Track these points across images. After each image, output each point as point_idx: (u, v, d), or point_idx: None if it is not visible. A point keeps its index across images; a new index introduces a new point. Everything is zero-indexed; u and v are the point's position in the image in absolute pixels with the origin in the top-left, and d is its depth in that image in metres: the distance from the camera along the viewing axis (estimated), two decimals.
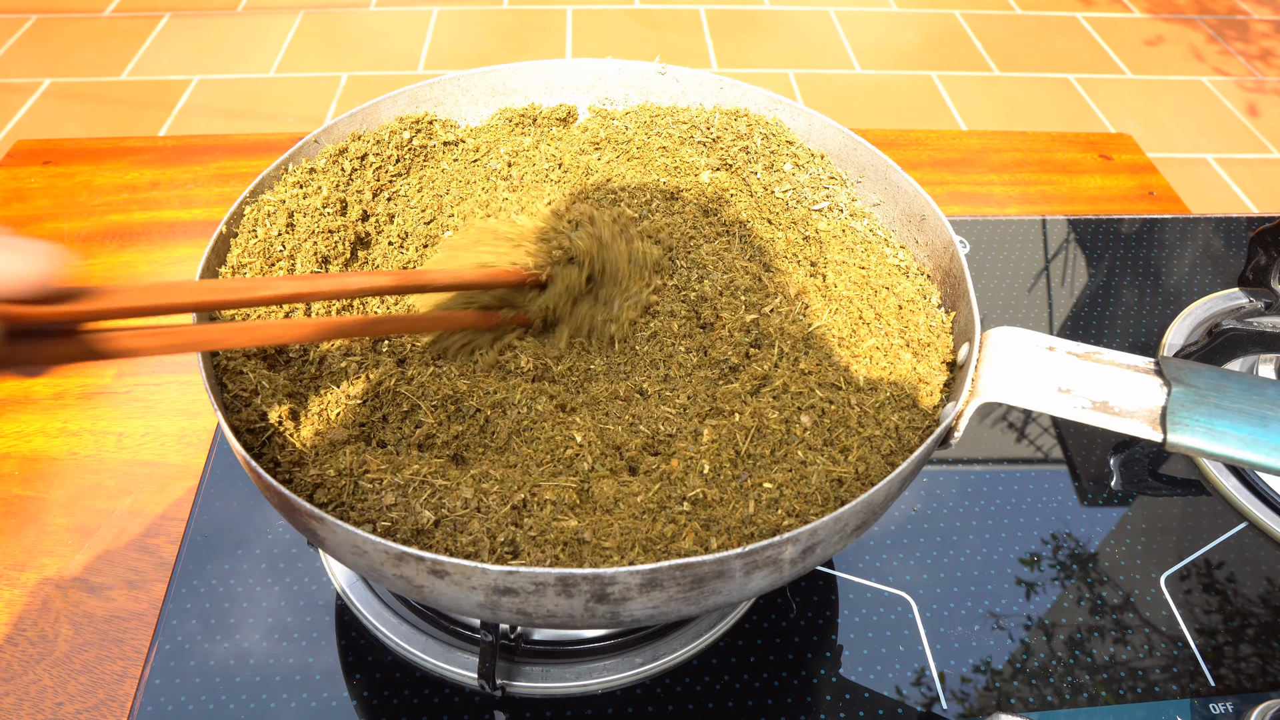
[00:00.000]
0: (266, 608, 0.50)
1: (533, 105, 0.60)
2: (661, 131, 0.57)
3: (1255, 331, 0.66)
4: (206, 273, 0.44)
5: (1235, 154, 1.89)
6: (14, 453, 0.58)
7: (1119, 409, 0.37)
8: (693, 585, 0.33)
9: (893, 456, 0.40)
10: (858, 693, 0.48)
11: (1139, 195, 0.86)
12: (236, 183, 0.81)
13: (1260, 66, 2.18)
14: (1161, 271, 0.76)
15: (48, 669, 0.48)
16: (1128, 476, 0.60)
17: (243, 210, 0.47)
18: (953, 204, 0.83)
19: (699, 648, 0.49)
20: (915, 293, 0.48)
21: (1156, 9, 2.40)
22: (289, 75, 1.99)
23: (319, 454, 0.39)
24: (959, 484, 0.59)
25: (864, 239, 0.52)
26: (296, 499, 0.33)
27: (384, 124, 0.55)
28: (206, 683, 0.46)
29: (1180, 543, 0.56)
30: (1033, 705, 0.47)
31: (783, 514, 0.37)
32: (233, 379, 0.41)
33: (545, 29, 2.19)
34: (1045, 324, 0.71)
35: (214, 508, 0.54)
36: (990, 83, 2.07)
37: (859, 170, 0.55)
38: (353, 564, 0.35)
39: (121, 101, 1.88)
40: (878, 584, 0.53)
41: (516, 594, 0.32)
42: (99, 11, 2.18)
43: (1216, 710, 0.48)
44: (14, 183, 0.80)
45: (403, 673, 0.47)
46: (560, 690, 0.47)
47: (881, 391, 0.42)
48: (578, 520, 0.36)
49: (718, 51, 2.14)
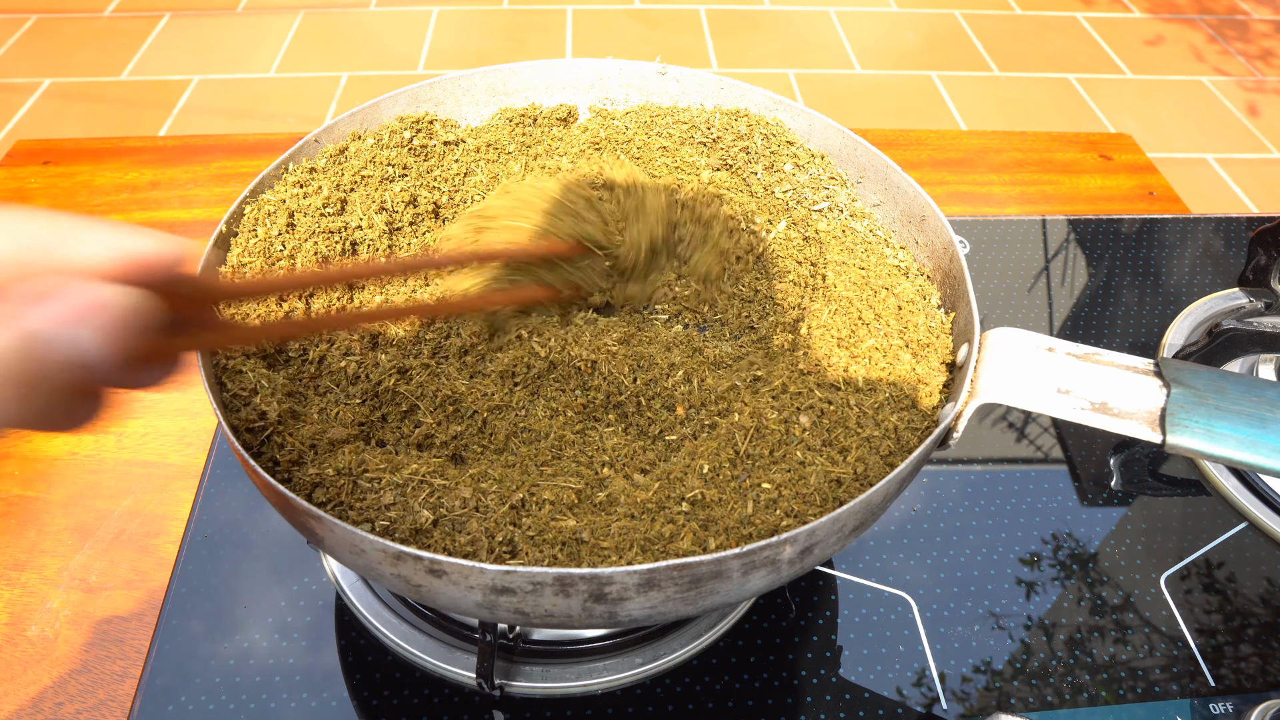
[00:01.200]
0: (266, 608, 0.50)
1: (533, 105, 0.60)
2: (662, 131, 0.57)
3: (1255, 331, 0.66)
4: (206, 272, 0.44)
5: (1235, 154, 1.89)
6: (14, 453, 0.58)
7: (1118, 410, 0.37)
8: (690, 585, 0.33)
9: (891, 457, 0.40)
10: (858, 693, 0.48)
11: (1139, 195, 0.86)
12: (236, 183, 0.81)
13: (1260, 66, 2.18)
14: (1161, 271, 0.76)
15: (48, 669, 0.48)
16: (1128, 476, 0.60)
17: (243, 209, 0.47)
18: (953, 204, 0.83)
19: (699, 648, 0.49)
20: (915, 293, 0.48)
21: (1156, 9, 2.40)
22: (289, 75, 1.99)
23: (318, 453, 0.39)
24: (959, 484, 0.59)
25: (864, 239, 0.52)
26: (295, 498, 0.33)
27: (384, 123, 0.55)
28: (206, 683, 0.46)
29: (1180, 543, 0.56)
30: (1033, 705, 0.47)
31: (781, 514, 0.37)
32: (232, 378, 0.41)
33: (545, 29, 2.19)
34: (1045, 324, 0.71)
35: (214, 507, 0.54)
36: (990, 83, 2.07)
37: (859, 171, 0.55)
38: (351, 563, 0.35)
39: (121, 101, 1.88)
40: (878, 584, 0.53)
41: (514, 594, 0.32)
42: (99, 11, 2.18)
43: (1216, 710, 0.48)
44: (14, 183, 0.80)
45: (402, 673, 0.47)
46: (560, 690, 0.47)
47: (880, 392, 0.42)
48: (576, 520, 0.36)
49: (718, 51, 2.14)
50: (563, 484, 0.37)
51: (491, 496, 0.36)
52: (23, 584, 0.52)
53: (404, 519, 0.35)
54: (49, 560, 0.53)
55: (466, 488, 0.37)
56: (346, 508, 0.36)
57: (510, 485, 0.37)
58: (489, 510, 0.36)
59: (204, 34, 2.12)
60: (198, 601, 0.50)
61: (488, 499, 0.36)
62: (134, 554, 0.53)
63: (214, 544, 0.52)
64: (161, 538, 0.54)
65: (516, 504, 0.36)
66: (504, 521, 0.35)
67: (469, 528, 0.35)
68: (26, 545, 0.53)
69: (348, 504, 0.36)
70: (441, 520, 0.36)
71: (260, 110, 1.88)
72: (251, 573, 0.51)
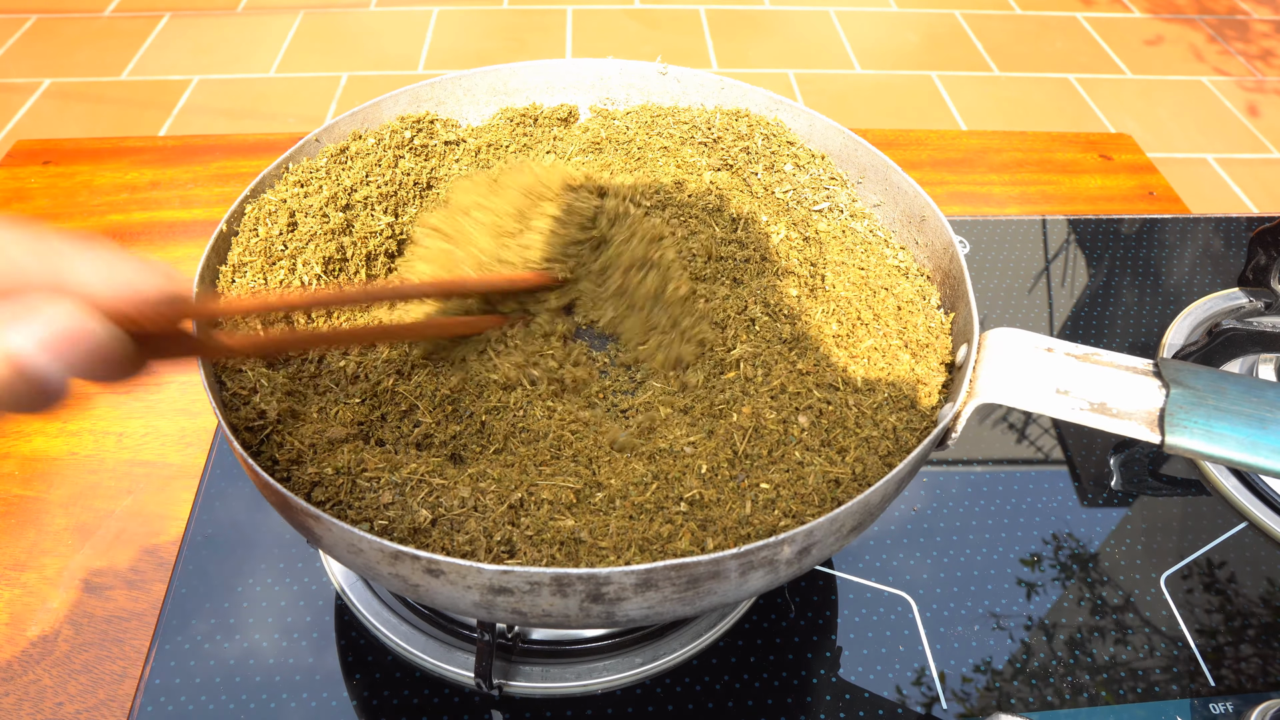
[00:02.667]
0: (266, 608, 0.50)
1: (534, 105, 0.60)
2: (663, 131, 0.57)
3: (1255, 331, 0.66)
4: (207, 271, 0.44)
5: (1235, 154, 1.89)
6: (14, 453, 0.58)
7: (1117, 410, 0.37)
8: (688, 585, 0.33)
9: (890, 457, 0.40)
10: (858, 693, 0.48)
11: (1139, 195, 0.86)
12: (236, 183, 0.81)
13: (1260, 66, 2.18)
14: (1161, 271, 0.76)
15: (48, 669, 0.48)
16: (1128, 476, 0.60)
17: (243, 209, 0.47)
18: (953, 204, 0.83)
19: (699, 648, 0.49)
20: (914, 293, 0.48)
21: (1156, 9, 2.40)
22: (289, 75, 1.99)
23: (317, 452, 0.39)
24: (959, 484, 0.59)
25: (864, 240, 0.52)
26: (294, 497, 0.33)
27: (385, 123, 0.55)
28: (206, 683, 0.46)
29: (1180, 543, 0.56)
30: (1033, 705, 0.47)
31: (779, 514, 0.37)
32: (231, 377, 0.41)
33: (545, 29, 2.19)
34: (1045, 324, 0.71)
35: (214, 507, 0.54)
36: (990, 83, 2.07)
37: (859, 171, 0.55)
38: (349, 562, 0.35)
39: (121, 101, 1.88)
40: (878, 584, 0.53)
41: (511, 593, 0.32)
42: (99, 11, 2.18)
43: (1216, 710, 0.48)
44: (14, 183, 0.80)
45: (402, 672, 0.47)
46: (560, 690, 0.47)
47: (879, 392, 0.42)
48: (574, 520, 0.36)
49: (718, 51, 2.14)
50: (561, 484, 0.37)
51: (490, 496, 0.36)
52: (23, 584, 0.52)
53: (402, 518, 0.35)
54: (49, 560, 0.53)
55: (465, 487, 0.37)
56: (345, 507, 0.36)
57: (509, 485, 0.37)
58: (487, 510, 0.36)
59: (204, 34, 2.12)
60: (198, 601, 0.50)
61: (486, 498, 0.36)
62: (134, 554, 0.53)
63: (214, 544, 0.52)
64: (161, 538, 0.54)
65: (515, 504, 0.36)
66: (502, 521, 0.35)
67: (467, 527, 0.35)
68: (26, 545, 0.53)
69: (346, 503, 0.36)
70: (440, 520, 0.36)
71: (260, 110, 1.88)
72: (251, 573, 0.51)
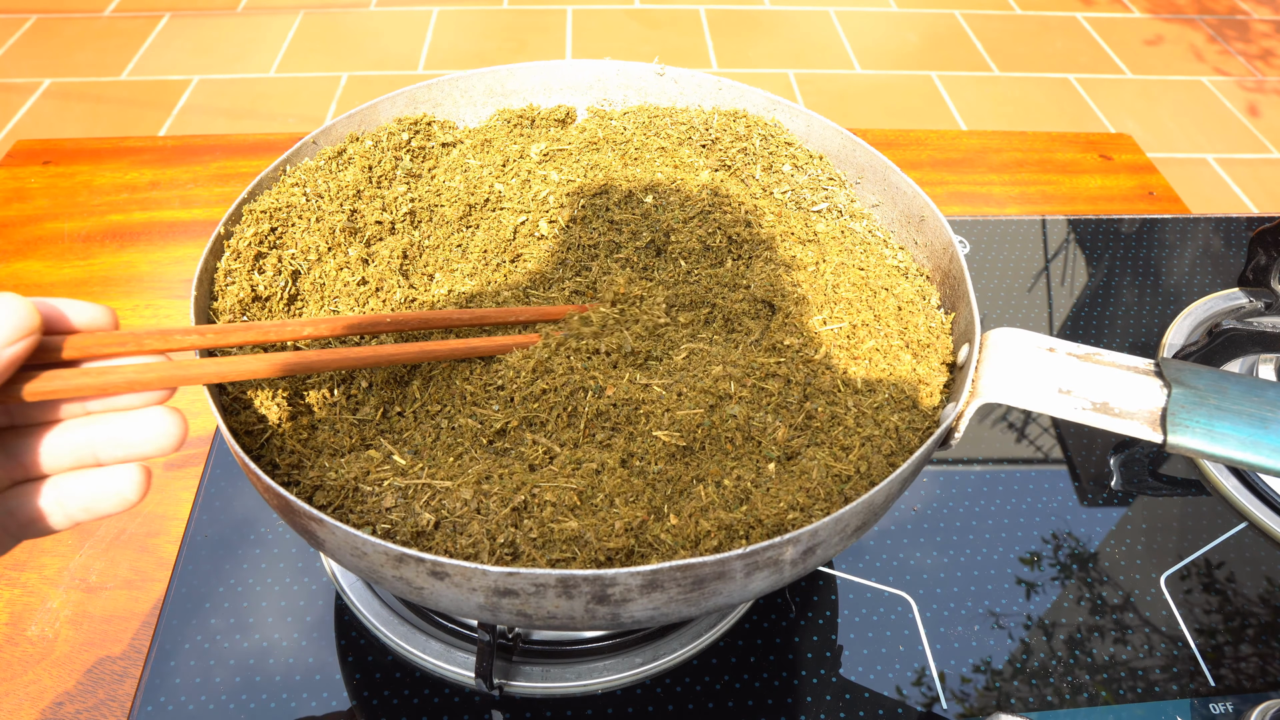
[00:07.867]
0: (266, 608, 0.50)
1: (531, 106, 0.60)
2: (660, 132, 0.57)
3: (1255, 331, 0.66)
4: (205, 271, 0.44)
5: (1235, 154, 1.89)
6: None
7: (1119, 410, 0.37)
8: (693, 586, 0.33)
9: (893, 457, 0.40)
10: (858, 693, 0.48)
11: (1139, 195, 0.86)
12: (236, 183, 0.81)
13: (1260, 66, 2.18)
14: (1161, 271, 0.76)
15: (48, 669, 0.48)
16: (1128, 476, 0.60)
17: (241, 211, 0.47)
18: (952, 204, 0.83)
19: (699, 648, 0.49)
20: (915, 294, 0.48)
21: (1156, 9, 2.40)
22: (289, 75, 1.99)
23: (318, 456, 0.39)
24: (959, 484, 0.59)
25: (863, 240, 0.52)
26: (296, 501, 0.33)
27: (382, 125, 0.55)
28: (206, 683, 0.46)
29: (1180, 543, 0.56)
30: (1033, 705, 0.47)
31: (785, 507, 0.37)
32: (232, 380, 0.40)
33: (545, 29, 2.19)
34: (1045, 324, 0.71)
35: (214, 508, 0.54)
36: (990, 83, 2.07)
37: (858, 171, 0.55)
38: (352, 566, 0.35)
39: (121, 101, 1.88)
40: (878, 584, 0.53)
41: (517, 595, 0.32)
42: (99, 11, 2.18)
43: (1216, 710, 0.48)
44: (14, 183, 0.80)
45: (402, 672, 0.47)
46: (560, 690, 0.47)
47: (881, 393, 0.42)
48: (578, 521, 0.36)
49: (717, 51, 2.14)
50: (564, 485, 0.37)
51: (493, 498, 0.36)
52: (23, 584, 0.52)
53: (405, 521, 0.35)
54: (49, 560, 0.53)
55: (468, 489, 0.37)
56: (347, 510, 0.36)
57: (512, 487, 0.37)
58: (491, 512, 0.36)
59: (204, 34, 2.12)
60: (198, 601, 0.50)
61: (489, 501, 0.36)
62: (134, 554, 0.53)
63: (214, 544, 0.52)
64: (161, 538, 0.54)
65: (518, 506, 0.36)
66: (505, 523, 0.35)
67: (470, 530, 0.35)
68: (26, 545, 0.53)
69: (348, 507, 0.36)
70: (443, 522, 0.36)
71: (260, 110, 1.88)
72: (251, 573, 0.51)
